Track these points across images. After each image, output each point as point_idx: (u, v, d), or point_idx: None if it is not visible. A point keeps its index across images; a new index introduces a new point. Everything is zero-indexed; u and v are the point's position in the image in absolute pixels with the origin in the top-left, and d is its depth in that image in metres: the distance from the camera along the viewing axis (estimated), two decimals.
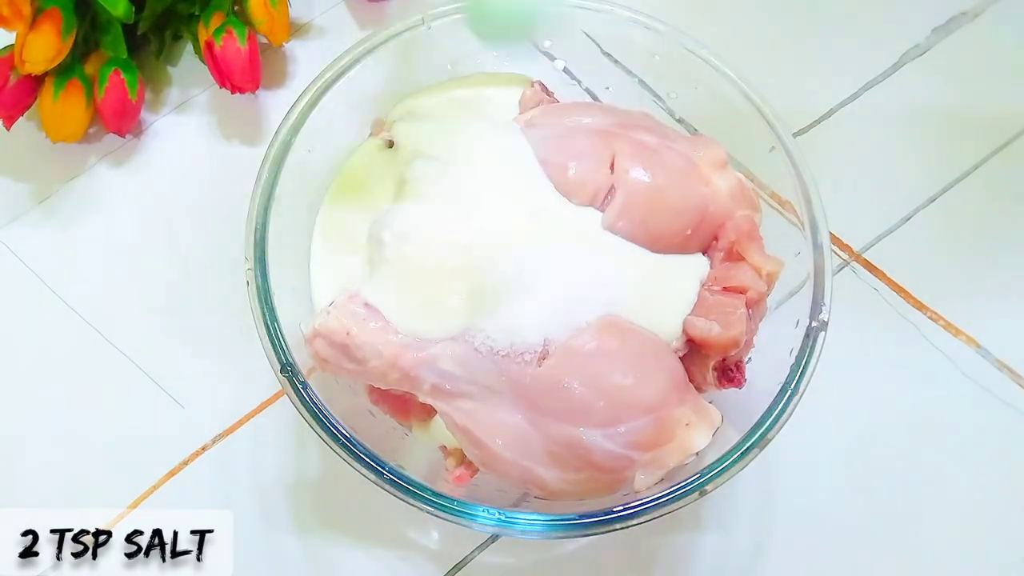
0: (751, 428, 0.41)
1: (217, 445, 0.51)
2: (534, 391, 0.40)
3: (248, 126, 0.59)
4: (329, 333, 0.41)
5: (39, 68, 0.53)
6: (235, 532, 0.49)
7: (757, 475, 0.50)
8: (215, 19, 0.57)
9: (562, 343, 0.40)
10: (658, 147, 0.44)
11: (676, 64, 0.48)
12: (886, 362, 0.53)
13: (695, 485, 0.41)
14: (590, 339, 0.40)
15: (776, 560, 0.49)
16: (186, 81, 0.60)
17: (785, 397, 0.42)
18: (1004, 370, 0.53)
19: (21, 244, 0.56)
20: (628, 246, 0.42)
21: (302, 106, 0.46)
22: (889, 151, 0.59)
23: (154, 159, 0.58)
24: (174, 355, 0.53)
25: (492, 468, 0.41)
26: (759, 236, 0.45)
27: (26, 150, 0.58)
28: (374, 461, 0.41)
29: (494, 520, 0.40)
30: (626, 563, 0.49)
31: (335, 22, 0.62)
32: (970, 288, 0.55)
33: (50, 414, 0.52)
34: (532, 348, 0.40)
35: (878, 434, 0.52)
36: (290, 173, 0.45)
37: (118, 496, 0.50)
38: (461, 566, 0.49)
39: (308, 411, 0.41)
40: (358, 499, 0.49)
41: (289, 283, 0.44)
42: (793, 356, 0.43)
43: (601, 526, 0.40)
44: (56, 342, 0.54)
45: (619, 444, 0.40)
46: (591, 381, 0.40)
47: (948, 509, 0.50)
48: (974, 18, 0.62)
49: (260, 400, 0.52)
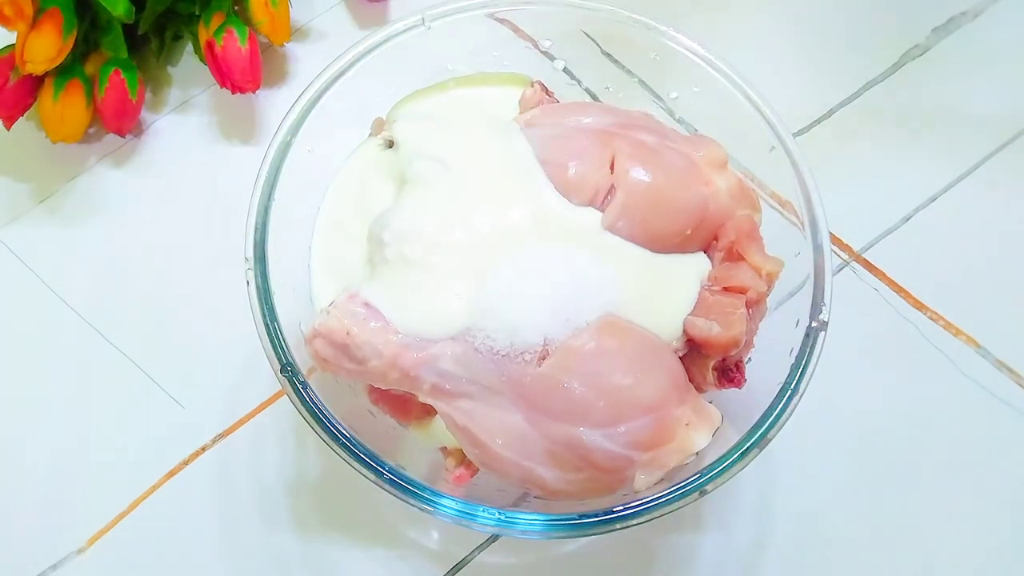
0: (751, 428, 0.41)
1: (217, 445, 0.51)
2: (534, 391, 0.40)
3: (248, 126, 0.59)
4: (329, 333, 0.41)
5: (39, 68, 0.53)
6: (235, 532, 0.49)
7: (757, 475, 0.50)
8: (215, 19, 0.57)
9: (562, 343, 0.40)
10: (658, 147, 0.44)
11: (676, 64, 0.48)
12: (886, 362, 0.53)
13: (695, 485, 0.41)
14: (590, 339, 0.40)
15: (776, 560, 0.49)
16: (186, 81, 0.61)
17: (785, 397, 0.42)
18: (1004, 370, 0.53)
19: (21, 244, 0.56)
20: (628, 246, 0.42)
21: (302, 106, 0.46)
22: (889, 151, 0.59)
23: (154, 159, 0.58)
24: (174, 355, 0.53)
25: (492, 468, 0.41)
26: (759, 236, 0.45)
27: (26, 150, 0.58)
28: (374, 461, 0.40)
29: (494, 520, 0.40)
30: (626, 563, 0.49)
31: (335, 22, 0.62)
32: (970, 288, 0.55)
33: (50, 414, 0.52)
34: (532, 348, 0.40)
35: (878, 434, 0.52)
36: (290, 173, 0.45)
37: (118, 496, 0.50)
38: (461, 566, 0.49)
39: (308, 411, 0.41)
40: (358, 499, 0.49)
41: (289, 283, 0.44)
42: (793, 356, 0.43)
43: (601, 526, 0.40)
44: (56, 342, 0.54)
45: (619, 444, 0.40)
46: (591, 381, 0.40)
47: (948, 509, 0.50)
48: (974, 18, 0.62)
49: (260, 400, 0.52)
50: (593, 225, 0.42)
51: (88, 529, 0.50)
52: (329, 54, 0.47)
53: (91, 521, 0.50)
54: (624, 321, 0.41)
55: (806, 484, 0.51)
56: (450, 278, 0.41)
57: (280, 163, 0.45)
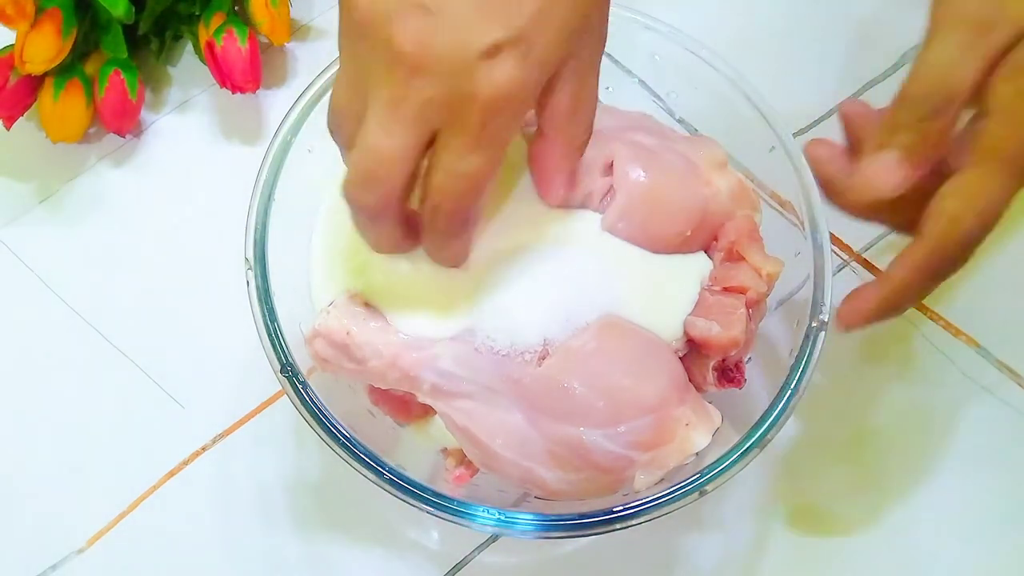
0: (751, 428, 0.41)
1: (217, 445, 0.51)
2: (534, 391, 0.40)
3: (248, 126, 0.59)
4: (329, 332, 0.41)
5: (39, 68, 0.53)
6: (235, 532, 0.49)
7: (757, 475, 0.50)
8: (215, 19, 0.57)
9: (562, 343, 0.40)
10: (657, 148, 0.44)
11: (676, 64, 0.48)
12: (886, 362, 0.53)
13: (695, 485, 0.41)
14: (590, 339, 0.40)
15: (776, 560, 0.49)
16: (186, 81, 0.61)
17: (785, 397, 0.42)
18: (1004, 370, 0.53)
19: (21, 244, 0.56)
20: (628, 247, 0.42)
21: (302, 106, 0.46)
22: None
23: (154, 159, 0.58)
24: (174, 355, 0.53)
25: (492, 468, 0.41)
26: (759, 236, 0.45)
27: (26, 150, 0.58)
28: (374, 461, 0.41)
29: (494, 520, 0.40)
30: (626, 563, 0.49)
31: (335, 22, 0.62)
32: (970, 288, 0.55)
33: (50, 414, 0.52)
34: (532, 348, 0.40)
35: (878, 434, 0.52)
36: (290, 173, 0.45)
37: (118, 496, 0.50)
38: (461, 566, 0.49)
39: (308, 411, 0.41)
40: (358, 499, 0.49)
41: (289, 283, 0.44)
42: (793, 356, 0.43)
43: (601, 526, 0.40)
44: (56, 342, 0.54)
45: (619, 444, 0.40)
46: (591, 381, 0.40)
47: (948, 509, 0.50)
48: None
49: (260, 400, 0.52)
50: (593, 227, 0.42)
51: (88, 529, 0.50)
52: (329, 54, 0.47)
53: (91, 521, 0.50)
54: (624, 321, 0.41)
55: (806, 484, 0.51)
56: (450, 278, 0.41)
57: (280, 163, 0.45)
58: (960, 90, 0.38)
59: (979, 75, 0.38)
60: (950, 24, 0.38)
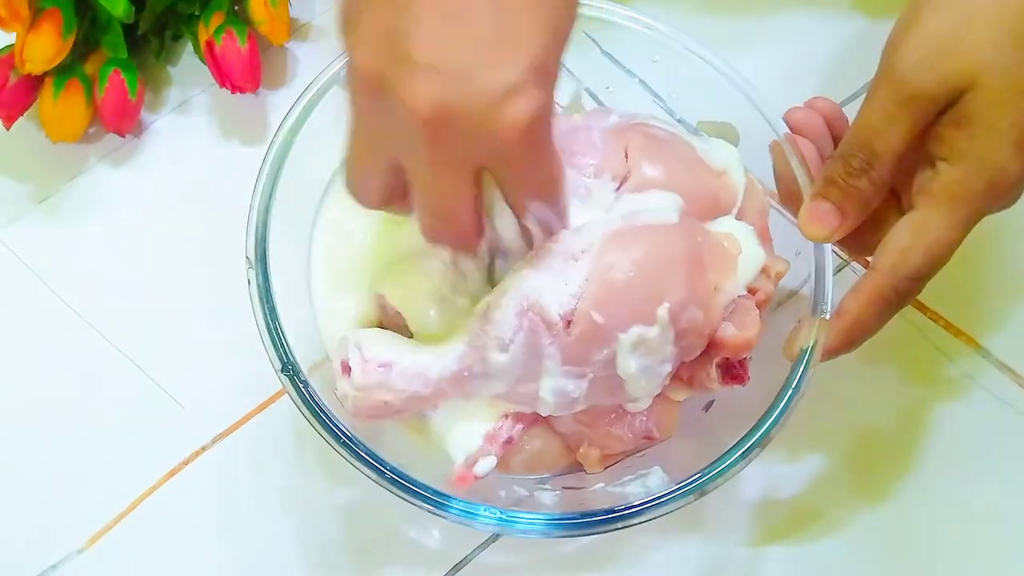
0: (751, 428, 0.42)
1: (217, 445, 0.51)
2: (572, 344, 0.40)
3: (248, 126, 0.59)
4: (363, 411, 0.41)
5: (39, 68, 0.53)
6: (235, 532, 0.49)
7: (757, 475, 0.50)
8: (215, 19, 0.57)
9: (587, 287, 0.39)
10: (669, 139, 0.45)
11: (676, 64, 0.49)
12: (886, 362, 0.53)
13: (695, 485, 0.41)
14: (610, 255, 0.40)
15: (776, 560, 0.49)
16: (186, 81, 0.60)
17: (786, 397, 0.42)
18: (1004, 370, 0.53)
19: (21, 244, 0.56)
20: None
21: (302, 106, 0.46)
22: None
23: (154, 159, 0.58)
24: (174, 355, 0.53)
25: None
26: (769, 236, 0.45)
27: (26, 150, 0.58)
28: (375, 460, 0.41)
29: (494, 520, 0.40)
30: (626, 563, 0.49)
31: (335, 22, 0.62)
32: (970, 288, 0.55)
33: (50, 414, 0.52)
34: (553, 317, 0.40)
35: (878, 434, 0.52)
36: (290, 173, 0.45)
37: (118, 496, 0.50)
38: (461, 566, 0.49)
39: (309, 410, 0.41)
40: (358, 498, 0.49)
41: (290, 283, 0.44)
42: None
43: (601, 526, 0.40)
44: (56, 342, 0.54)
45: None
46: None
47: (948, 509, 0.50)
48: None
49: (260, 400, 0.52)
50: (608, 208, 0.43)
51: (88, 529, 0.49)
52: (329, 54, 0.47)
53: (91, 521, 0.50)
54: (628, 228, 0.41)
55: (806, 484, 0.51)
56: (454, 291, 0.41)
57: (281, 163, 0.45)
58: (883, 152, 0.40)
59: (906, 139, 0.40)
60: (884, 84, 0.40)
